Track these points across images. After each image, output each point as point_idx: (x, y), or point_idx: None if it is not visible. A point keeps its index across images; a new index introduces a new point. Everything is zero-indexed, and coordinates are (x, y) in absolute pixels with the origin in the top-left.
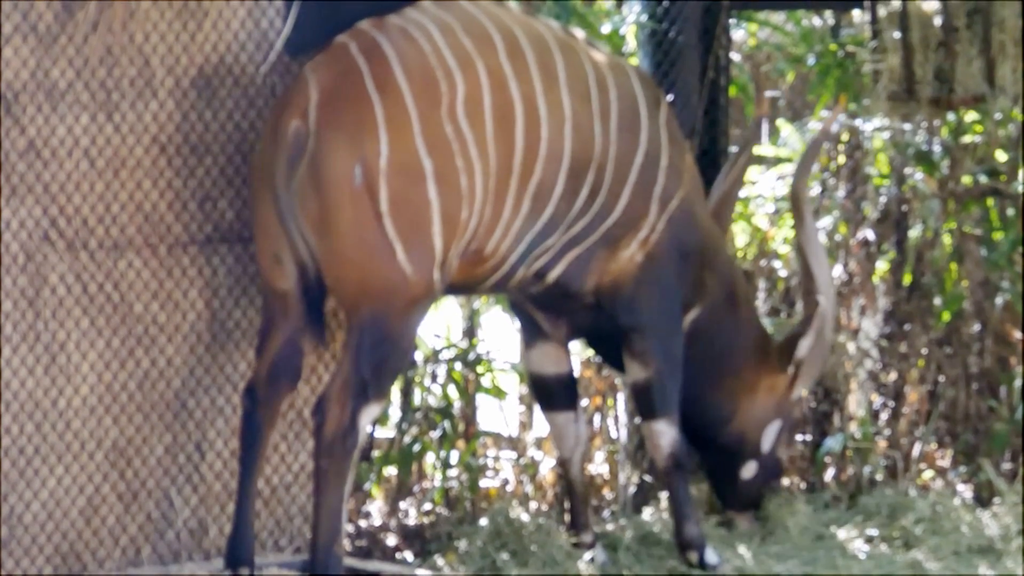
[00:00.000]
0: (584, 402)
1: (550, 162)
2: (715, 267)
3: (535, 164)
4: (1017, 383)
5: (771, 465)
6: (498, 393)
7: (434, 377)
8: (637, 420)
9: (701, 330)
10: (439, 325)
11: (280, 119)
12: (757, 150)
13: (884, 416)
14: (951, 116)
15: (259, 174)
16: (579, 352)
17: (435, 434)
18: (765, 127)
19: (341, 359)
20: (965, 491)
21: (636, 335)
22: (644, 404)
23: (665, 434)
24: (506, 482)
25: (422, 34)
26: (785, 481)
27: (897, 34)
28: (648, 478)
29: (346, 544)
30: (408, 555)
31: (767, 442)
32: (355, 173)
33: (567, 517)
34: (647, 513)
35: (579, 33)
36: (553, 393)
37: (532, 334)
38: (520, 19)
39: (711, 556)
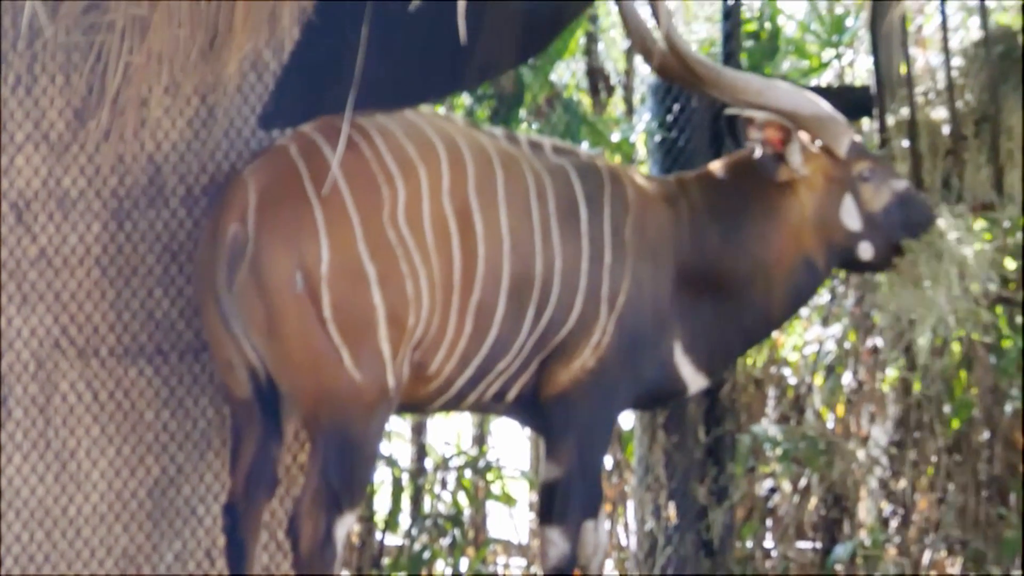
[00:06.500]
0: None
1: (489, 281)
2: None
3: (474, 282)
4: None
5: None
6: (508, 500)
7: (444, 484)
8: (647, 527)
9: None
10: (449, 432)
11: (219, 222)
12: None
13: (894, 523)
14: None
15: (200, 279)
16: None
17: (445, 541)
18: None
19: (308, 472)
20: None
21: (562, 435)
22: (544, 505)
23: (556, 545)
24: None
25: (363, 138)
26: None
27: (906, 142)
28: None
29: None
30: None
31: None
32: (296, 279)
33: None
34: None
35: (521, 137)
36: None
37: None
38: (463, 130)
39: None
